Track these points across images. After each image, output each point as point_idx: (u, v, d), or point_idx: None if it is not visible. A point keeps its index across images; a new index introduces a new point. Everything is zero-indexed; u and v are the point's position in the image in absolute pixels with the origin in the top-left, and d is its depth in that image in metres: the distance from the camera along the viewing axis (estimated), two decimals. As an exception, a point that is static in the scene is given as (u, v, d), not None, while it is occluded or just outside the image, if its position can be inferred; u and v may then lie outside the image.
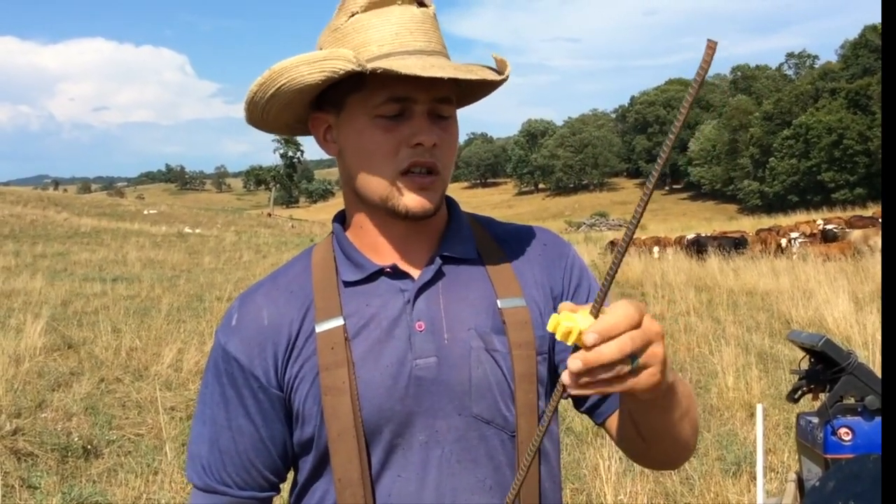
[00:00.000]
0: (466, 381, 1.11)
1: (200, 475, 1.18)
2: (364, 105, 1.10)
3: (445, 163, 1.13)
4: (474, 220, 1.27)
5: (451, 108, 1.14)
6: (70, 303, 11.94)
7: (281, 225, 52.90)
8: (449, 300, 1.15)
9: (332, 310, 1.13)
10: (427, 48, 1.11)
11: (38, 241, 25.30)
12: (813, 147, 76.46)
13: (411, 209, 1.11)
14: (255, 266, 19.87)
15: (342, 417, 1.09)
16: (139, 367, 7.54)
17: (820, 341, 2.72)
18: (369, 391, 1.10)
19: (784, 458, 4.92)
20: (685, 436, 1.10)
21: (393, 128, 1.09)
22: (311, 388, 1.11)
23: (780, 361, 7.48)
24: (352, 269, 1.17)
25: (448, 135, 1.13)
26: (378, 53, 1.09)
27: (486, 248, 1.21)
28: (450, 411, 1.11)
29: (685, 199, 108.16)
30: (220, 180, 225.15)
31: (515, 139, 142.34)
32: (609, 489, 4.34)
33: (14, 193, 51.85)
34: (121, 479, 4.80)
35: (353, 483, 1.10)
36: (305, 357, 1.12)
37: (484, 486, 1.12)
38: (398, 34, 1.10)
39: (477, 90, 1.22)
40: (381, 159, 1.11)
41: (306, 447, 1.15)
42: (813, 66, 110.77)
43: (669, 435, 1.07)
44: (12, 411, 5.83)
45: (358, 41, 1.10)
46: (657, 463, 1.19)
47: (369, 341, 1.12)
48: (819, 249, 17.23)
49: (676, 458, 1.15)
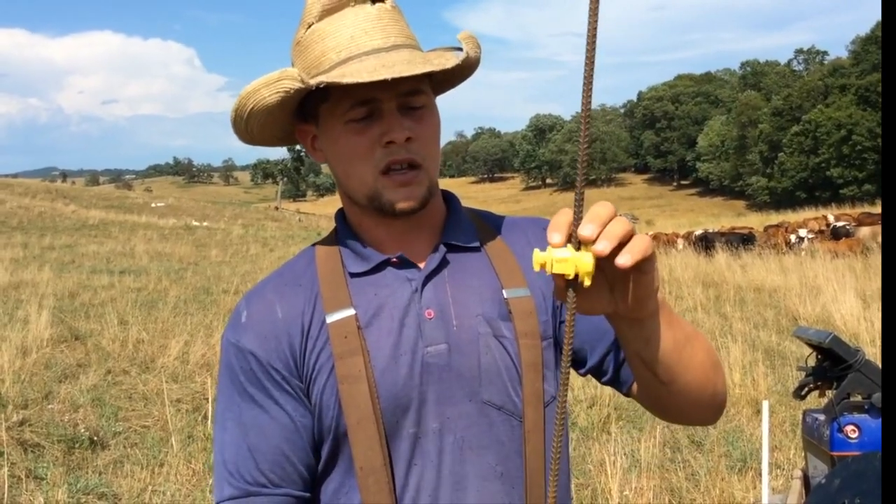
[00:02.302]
0: (476, 367, 1.12)
1: (231, 482, 1.13)
2: (333, 113, 1.12)
3: (425, 154, 1.13)
4: (473, 213, 1.28)
5: (423, 97, 1.13)
6: (77, 295, 11.99)
7: (288, 218, 52.99)
8: (455, 288, 1.16)
9: (341, 300, 1.13)
10: (385, 45, 1.11)
11: (46, 233, 25.42)
12: (822, 143, 76.14)
13: (398, 206, 1.12)
14: (262, 259, 19.92)
15: (361, 405, 1.09)
16: (146, 360, 7.57)
17: (827, 338, 2.71)
18: (385, 379, 1.10)
19: (790, 455, 4.91)
20: (701, 366, 1.09)
21: (364, 130, 1.11)
22: (328, 377, 1.11)
23: (788, 358, 7.46)
24: (357, 261, 1.17)
25: (424, 126, 1.13)
26: (336, 60, 1.10)
27: (487, 238, 1.22)
28: (461, 398, 1.12)
29: (693, 194, 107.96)
30: (228, 173, 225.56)
31: (523, 134, 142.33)
32: (614, 484, 4.33)
33: (22, 185, 52.07)
34: (127, 470, 4.82)
35: (377, 470, 1.09)
36: (320, 347, 1.12)
37: (495, 472, 1.12)
38: (353, 37, 1.11)
39: (455, 74, 1.21)
40: (360, 162, 1.12)
41: (324, 437, 1.14)
42: (822, 62, 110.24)
43: (682, 365, 1.06)
44: (19, 402, 5.86)
45: (318, 51, 1.12)
46: (686, 411, 1.16)
47: (381, 330, 1.12)
48: (827, 246, 17.18)
49: (704, 400, 1.13)
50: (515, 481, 1.13)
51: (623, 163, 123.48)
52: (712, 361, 1.12)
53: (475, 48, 1.15)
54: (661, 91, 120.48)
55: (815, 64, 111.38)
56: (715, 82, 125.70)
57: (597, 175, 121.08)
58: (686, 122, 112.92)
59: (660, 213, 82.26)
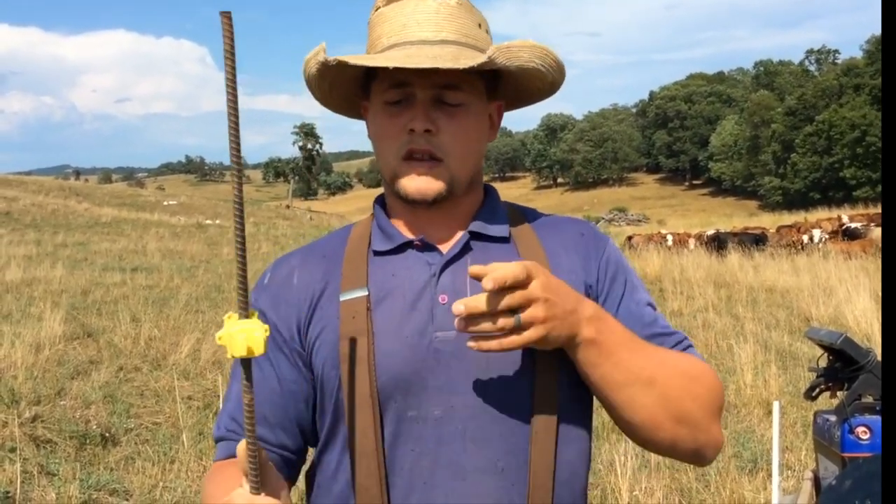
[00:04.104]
0: (485, 357, 1.10)
1: (217, 428, 1.21)
2: (377, 92, 1.16)
3: (449, 150, 1.14)
4: (513, 207, 1.30)
5: (462, 95, 1.14)
6: (90, 292, 12.04)
7: (299, 217, 53.04)
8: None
9: (358, 279, 1.16)
10: (433, 38, 1.13)
11: (59, 230, 25.53)
12: (835, 143, 75.67)
13: (409, 193, 1.15)
14: (273, 258, 19.91)
15: (359, 387, 1.10)
16: (157, 357, 7.60)
17: (839, 339, 2.69)
18: (386, 360, 1.11)
19: (801, 457, 4.88)
20: (648, 413, 1.10)
21: (397, 113, 1.14)
22: (330, 352, 1.13)
23: (800, 359, 7.42)
24: (383, 240, 1.20)
25: (454, 122, 1.14)
26: (386, 45, 1.15)
27: (521, 232, 1.23)
28: (467, 387, 1.11)
29: (705, 194, 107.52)
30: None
31: (534, 133, 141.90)
32: (624, 484, 4.32)
33: (36, 183, 52.31)
34: (138, 466, 4.84)
35: (369, 454, 1.10)
36: (326, 321, 1.15)
37: (495, 467, 1.11)
38: (405, 25, 1.14)
39: (530, 91, 1.24)
40: (387, 143, 1.16)
41: (325, 409, 1.16)
42: (834, 61, 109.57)
43: (619, 401, 1.09)
44: (32, 398, 5.90)
45: (377, 33, 1.17)
46: (649, 446, 1.17)
47: (391, 312, 1.14)
48: (840, 246, 17.09)
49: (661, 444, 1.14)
50: (517, 478, 1.11)
51: (635, 162, 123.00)
52: (671, 413, 1.10)
53: (531, 59, 1.13)
54: (674, 90, 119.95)
55: (828, 63, 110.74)
56: (728, 82, 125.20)
57: (608, 175, 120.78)
58: (698, 122, 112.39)
59: (672, 213, 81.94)
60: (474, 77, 1.14)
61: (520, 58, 1.12)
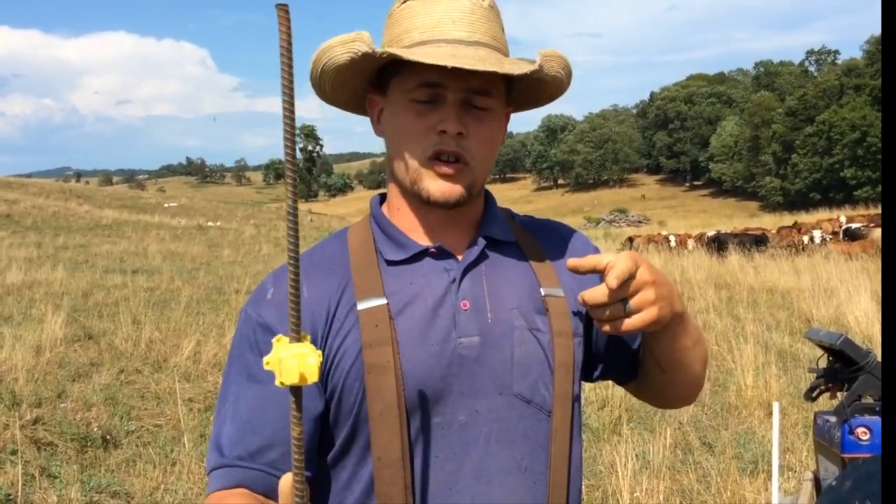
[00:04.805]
0: (508, 359, 1.12)
1: (220, 455, 1.11)
2: (401, 88, 1.13)
3: (475, 154, 1.14)
4: (506, 212, 1.31)
5: (490, 100, 1.14)
6: (91, 294, 12.05)
7: (300, 219, 53.05)
8: (492, 281, 1.17)
9: (374, 289, 1.13)
10: (467, 39, 1.12)
11: (59, 232, 25.56)
12: (836, 144, 75.64)
13: (433, 195, 1.13)
14: (274, 259, 19.96)
15: (386, 396, 1.08)
16: (158, 359, 7.60)
17: (838, 340, 2.69)
18: (412, 369, 1.09)
19: (802, 458, 4.88)
20: (698, 365, 1.25)
21: (425, 112, 1.12)
22: (353, 362, 1.10)
23: (800, 360, 7.42)
24: (395, 249, 1.18)
25: (483, 127, 1.14)
26: (417, 40, 1.12)
27: (522, 236, 1.25)
28: (491, 391, 1.12)
29: (706, 195, 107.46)
30: (240, 173, 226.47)
31: (535, 134, 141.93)
32: (625, 486, 4.32)
33: (37, 185, 52.36)
34: (139, 469, 4.84)
35: (394, 463, 1.08)
36: (346, 332, 1.11)
37: (519, 467, 1.12)
38: (439, 22, 1.12)
39: (540, 93, 1.24)
40: (412, 142, 1.13)
41: (341, 421, 1.12)
42: (834, 61, 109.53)
43: (684, 362, 1.21)
44: (33, 401, 5.90)
45: (404, 27, 1.14)
46: (675, 396, 1.32)
47: (414, 319, 1.12)
48: (841, 247, 17.07)
49: (691, 389, 1.30)
50: (538, 476, 1.13)
51: (635, 163, 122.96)
52: (704, 361, 1.28)
53: (559, 69, 1.15)
54: (674, 91, 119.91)
55: (828, 64, 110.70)
56: (728, 82, 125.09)
57: (609, 176, 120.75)
58: (699, 123, 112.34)
59: (672, 214, 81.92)
60: (500, 82, 1.15)
61: (552, 67, 1.14)
